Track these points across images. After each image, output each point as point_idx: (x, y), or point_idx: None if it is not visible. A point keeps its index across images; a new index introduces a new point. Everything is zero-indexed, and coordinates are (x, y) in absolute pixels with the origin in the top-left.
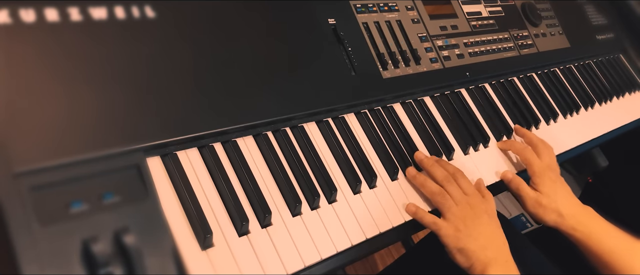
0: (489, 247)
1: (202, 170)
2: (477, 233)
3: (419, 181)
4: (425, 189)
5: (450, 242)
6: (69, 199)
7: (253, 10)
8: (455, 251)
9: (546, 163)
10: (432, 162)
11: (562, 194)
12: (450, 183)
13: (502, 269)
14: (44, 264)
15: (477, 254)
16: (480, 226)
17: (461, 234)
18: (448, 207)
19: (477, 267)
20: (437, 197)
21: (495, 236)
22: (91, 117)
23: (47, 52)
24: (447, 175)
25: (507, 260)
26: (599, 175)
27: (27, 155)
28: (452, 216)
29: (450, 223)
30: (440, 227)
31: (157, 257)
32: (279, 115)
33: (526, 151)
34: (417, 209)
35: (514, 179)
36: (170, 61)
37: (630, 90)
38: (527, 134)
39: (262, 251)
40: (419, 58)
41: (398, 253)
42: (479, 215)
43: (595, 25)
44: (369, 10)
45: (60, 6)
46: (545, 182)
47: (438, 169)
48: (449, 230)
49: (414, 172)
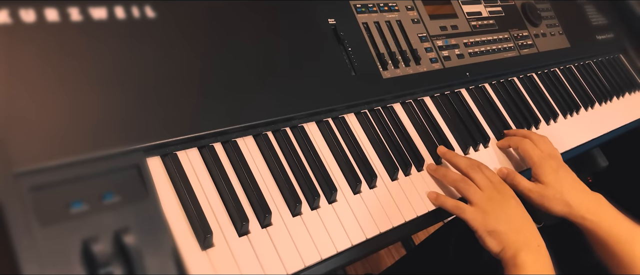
0: (521, 231)
1: (202, 170)
2: (507, 216)
3: (441, 173)
4: (448, 178)
5: (479, 225)
6: (69, 199)
7: (253, 10)
8: (485, 234)
9: (546, 151)
10: (455, 153)
11: (568, 181)
12: (474, 170)
13: (535, 254)
14: (44, 264)
15: (510, 236)
16: (509, 209)
17: (489, 216)
18: (473, 192)
19: (509, 251)
20: (460, 183)
21: (525, 220)
22: (91, 117)
23: (47, 52)
24: (471, 163)
25: (539, 245)
26: (599, 175)
27: (27, 155)
28: (479, 200)
29: (477, 206)
30: (464, 210)
31: (157, 257)
32: (279, 115)
33: (523, 142)
34: (437, 195)
35: (509, 173)
36: (171, 61)
37: (630, 90)
38: (519, 131)
39: (262, 251)
40: (419, 58)
41: (398, 253)
42: (507, 199)
43: (595, 25)
44: (369, 10)
45: (60, 6)
46: (546, 172)
47: (461, 158)
48: (477, 213)
49: (435, 165)
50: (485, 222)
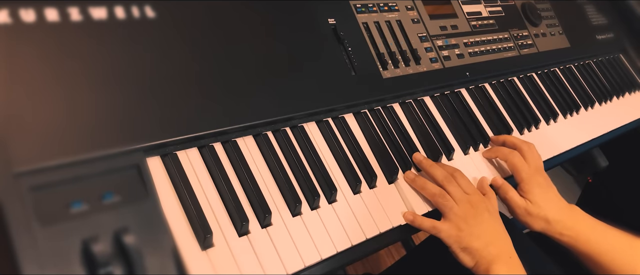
0: (493, 244)
1: (202, 170)
2: (480, 231)
3: (419, 184)
4: (426, 191)
5: (453, 243)
6: (69, 199)
7: (253, 10)
8: (459, 251)
9: (534, 167)
10: (431, 163)
11: (551, 199)
12: (451, 183)
13: (507, 265)
14: (44, 264)
15: (481, 251)
16: (482, 224)
17: (463, 233)
18: (449, 208)
19: (481, 265)
20: (438, 198)
21: (497, 233)
22: (91, 117)
23: (47, 52)
24: (447, 175)
25: (511, 256)
26: (599, 175)
27: (27, 155)
28: (454, 216)
29: (452, 223)
30: (440, 230)
31: (157, 257)
32: (279, 115)
33: (513, 156)
34: (414, 217)
35: (503, 185)
36: (170, 61)
37: (630, 90)
38: (508, 139)
39: (262, 251)
40: (419, 58)
41: (398, 253)
42: (481, 213)
43: (595, 25)
44: (369, 10)
45: (60, 6)
46: (534, 190)
47: (437, 169)
48: (451, 231)
49: (413, 175)
50: (459, 240)
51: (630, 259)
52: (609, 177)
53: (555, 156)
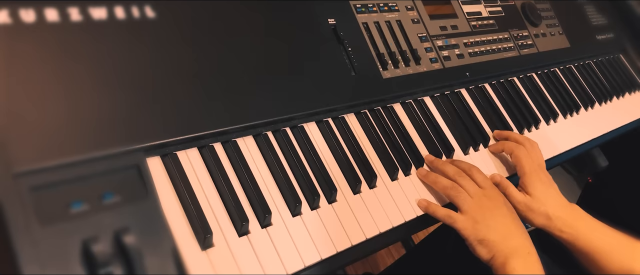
0: (511, 238)
1: (202, 170)
2: (497, 224)
3: (431, 179)
4: (438, 185)
5: (469, 234)
6: (69, 199)
7: (253, 10)
8: (476, 243)
9: (536, 162)
10: (443, 161)
11: (552, 195)
12: (463, 177)
13: (525, 261)
14: (44, 264)
15: (499, 244)
16: (499, 216)
17: (480, 225)
18: (462, 199)
19: (498, 258)
20: (449, 190)
21: (516, 227)
22: (91, 117)
23: (47, 52)
24: (458, 170)
25: (530, 252)
26: (599, 175)
27: (27, 155)
28: (469, 208)
29: (467, 215)
30: (455, 219)
31: (157, 257)
32: (279, 115)
33: (519, 149)
34: (428, 204)
35: (502, 181)
36: (170, 61)
37: (630, 90)
38: (512, 135)
39: (262, 251)
40: (419, 58)
41: (398, 253)
42: (498, 206)
43: (595, 25)
44: (369, 10)
45: (60, 6)
46: (536, 185)
47: (449, 166)
48: (467, 222)
49: (425, 171)
50: (476, 231)
51: (628, 260)
52: (609, 177)
53: (555, 156)
